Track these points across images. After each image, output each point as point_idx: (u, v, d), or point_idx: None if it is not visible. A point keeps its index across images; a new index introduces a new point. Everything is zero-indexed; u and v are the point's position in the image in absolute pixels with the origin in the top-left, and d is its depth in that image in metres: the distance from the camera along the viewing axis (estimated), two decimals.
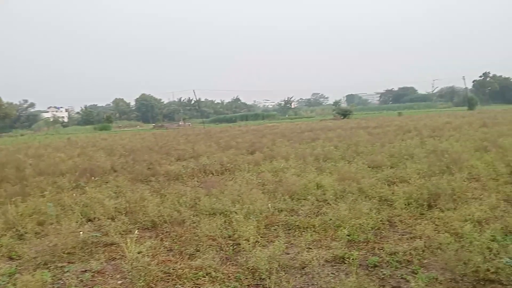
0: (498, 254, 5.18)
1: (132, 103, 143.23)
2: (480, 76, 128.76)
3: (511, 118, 33.91)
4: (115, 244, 7.03)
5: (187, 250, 6.57)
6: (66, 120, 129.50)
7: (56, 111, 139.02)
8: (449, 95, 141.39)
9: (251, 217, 7.57)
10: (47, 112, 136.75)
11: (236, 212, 7.73)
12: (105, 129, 77.98)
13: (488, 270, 4.96)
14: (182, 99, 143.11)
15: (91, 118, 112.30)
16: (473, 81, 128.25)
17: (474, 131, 23.19)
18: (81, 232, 7.22)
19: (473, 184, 9.77)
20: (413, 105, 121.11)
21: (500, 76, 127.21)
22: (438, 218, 7.25)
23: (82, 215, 8.65)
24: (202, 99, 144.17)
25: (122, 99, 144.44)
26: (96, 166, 15.64)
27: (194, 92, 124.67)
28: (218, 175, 13.46)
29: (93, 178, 13.64)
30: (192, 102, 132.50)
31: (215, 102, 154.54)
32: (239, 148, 20.91)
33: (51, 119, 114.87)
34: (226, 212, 8.17)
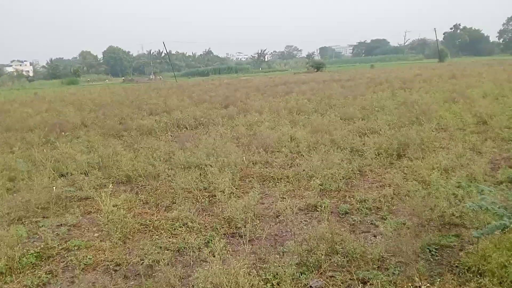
0: (463, 199, 5.46)
1: (100, 55, 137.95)
2: (451, 28, 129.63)
3: (479, 70, 34.71)
4: (90, 198, 7.01)
5: (163, 203, 6.63)
6: (31, 74, 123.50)
7: (20, 65, 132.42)
8: (420, 47, 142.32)
9: (226, 170, 7.64)
10: (10, 66, 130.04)
11: (211, 165, 7.78)
12: (72, 83, 75.22)
13: (453, 214, 5.24)
14: (152, 52, 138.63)
15: (58, 72, 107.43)
16: (444, 33, 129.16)
17: (443, 82, 23.69)
18: (54, 187, 7.13)
19: (441, 134, 10.11)
20: (385, 57, 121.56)
21: (471, 28, 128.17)
22: (407, 167, 7.52)
23: (54, 171, 8.53)
24: (173, 52, 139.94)
25: (89, 51, 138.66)
26: (66, 121, 15.25)
27: (164, 44, 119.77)
28: (192, 129, 13.38)
29: (63, 133, 13.32)
30: (163, 55, 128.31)
31: (187, 55, 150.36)
32: (213, 102, 20.70)
33: (15, 74, 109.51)
34: (201, 165, 8.21)
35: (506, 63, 47.47)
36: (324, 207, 5.71)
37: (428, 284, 3.66)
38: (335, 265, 4.33)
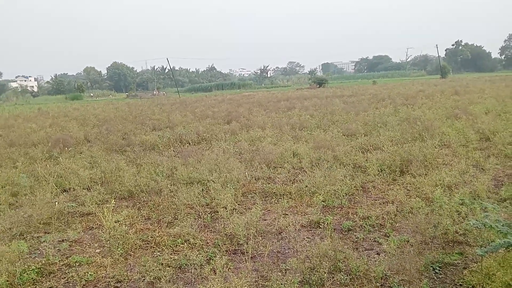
0: (466, 217, 5.43)
1: (104, 71, 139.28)
2: (453, 45, 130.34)
3: (481, 86, 34.81)
4: (92, 213, 7.00)
5: (165, 219, 6.60)
6: (35, 89, 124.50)
7: (25, 81, 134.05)
8: (422, 64, 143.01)
9: (228, 186, 7.63)
10: (15, 81, 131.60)
11: (213, 181, 7.77)
12: (76, 99, 75.95)
13: (456, 232, 5.21)
14: (155, 68, 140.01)
15: (62, 87, 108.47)
16: (446, 50, 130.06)
17: (446, 99, 23.74)
18: (56, 203, 7.13)
19: (444, 151, 10.09)
20: (387, 73, 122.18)
21: (472, 44, 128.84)
22: (410, 184, 7.49)
23: (56, 186, 8.55)
24: (176, 68, 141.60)
25: (93, 67, 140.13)
26: (69, 137, 15.31)
27: (168, 61, 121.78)
28: (194, 144, 13.40)
29: (66, 148, 13.38)
30: (166, 70, 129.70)
31: (190, 70, 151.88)
32: (215, 117, 20.79)
33: (20, 89, 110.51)
34: (203, 181, 8.20)
35: (509, 79, 47.60)
36: (327, 223, 5.66)
37: None
38: (338, 283, 4.29)
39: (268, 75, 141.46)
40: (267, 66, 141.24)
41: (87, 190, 8.22)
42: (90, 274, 4.82)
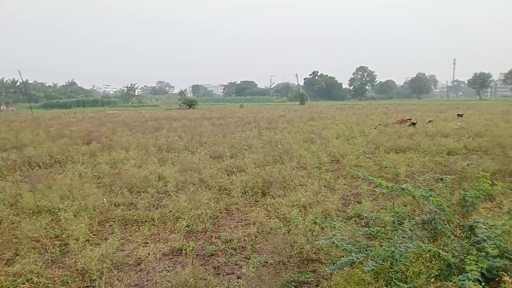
0: (318, 235, 5.84)
1: None
2: (310, 75, 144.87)
3: (333, 113, 38.97)
4: None
5: (4, 255, 5.69)
6: None
7: None
8: (284, 90, 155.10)
9: (82, 214, 6.96)
10: None
11: (65, 210, 7.02)
12: None
13: (310, 250, 5.54)
14: (4, 80, 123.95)
15: None
16: (304, 79, 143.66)
17: (303, 124, 25.86)
18: None
19: (301, 172, 10.85)
20: (253, 98, 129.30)
21: (327, 75, 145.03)
22: (270, 205, 7.83)
23: None
24: (30, 81, 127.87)
25: None
26: None
27: (20, 73, 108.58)
28: (46, 168, 12.05)
29: None
30: (18, 84, 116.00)
31: (46, 85, 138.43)
32: (73, 137, 19.14)
33: None
34: (53, 210, 7.35)
35: (356, 108, 54.31)
36: (190, 250, 5.53)
37: None
38: None
39: (136, 94, 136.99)
40: (135, 84, 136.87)
41: None
42: None
